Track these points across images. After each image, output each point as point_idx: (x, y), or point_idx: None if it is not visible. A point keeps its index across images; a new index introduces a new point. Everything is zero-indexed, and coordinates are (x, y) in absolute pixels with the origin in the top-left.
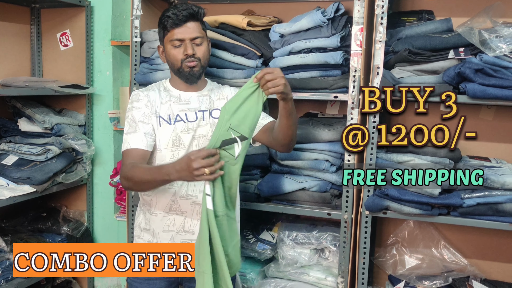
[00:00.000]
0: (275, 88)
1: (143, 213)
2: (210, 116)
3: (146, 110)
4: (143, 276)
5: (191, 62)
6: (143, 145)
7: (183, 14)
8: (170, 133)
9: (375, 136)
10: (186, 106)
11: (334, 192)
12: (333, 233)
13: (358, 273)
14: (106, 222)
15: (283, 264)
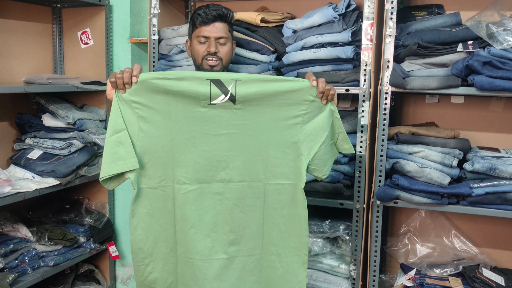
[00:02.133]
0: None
1: None
2: None
3: None
4: None
5: (212, 60)
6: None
7: (213, 14)
8: None
9: (386, 128)
10: None
11: (347, 183)
12: (346, 223)
13: (370, 261)
14: (127, 213)
15: None
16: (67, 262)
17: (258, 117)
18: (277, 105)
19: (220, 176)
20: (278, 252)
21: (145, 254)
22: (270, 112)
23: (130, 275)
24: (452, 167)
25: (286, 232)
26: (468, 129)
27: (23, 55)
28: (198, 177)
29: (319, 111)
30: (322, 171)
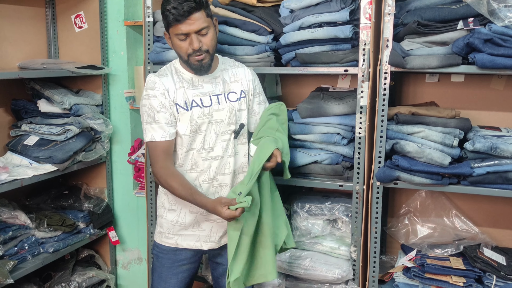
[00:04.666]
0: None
1: (165, 194)
2: (226, 99)
3: (163, 100)
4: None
5: (199, 55)
6: (167, 135)
7: (184, 8)
8: (188, 119)
9: (385, 108)
10: (200, 91)
11: (346, 164)
12: (345, 204)
13: (370, 242)
14: (126, 198)
15: (297, 235)
16: (66, 248)
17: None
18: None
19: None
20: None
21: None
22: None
23: (131, 260)
24: (453, 147)
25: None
26: (469, 108)
27: (16, 40)
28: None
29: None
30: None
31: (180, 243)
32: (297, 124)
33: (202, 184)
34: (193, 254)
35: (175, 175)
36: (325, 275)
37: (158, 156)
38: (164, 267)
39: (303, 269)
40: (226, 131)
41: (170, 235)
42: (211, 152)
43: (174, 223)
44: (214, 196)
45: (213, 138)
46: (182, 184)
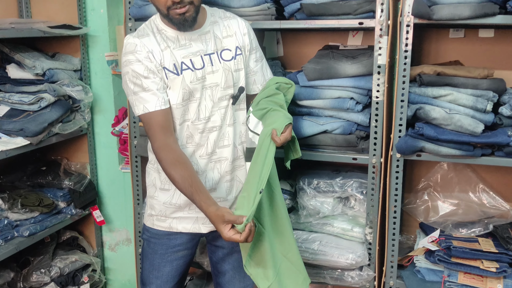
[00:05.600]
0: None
1: (156, 171)
2: (220, 59)
3: (149, 64)
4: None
5: (181, 8)
6: (162, 103)
7: None
8: (179, 85)
9: (408, 68)
10: (188, 50)
11: (360, 134)
12: (359, 180)
13: (388, 223)
14: (111, 174)
15: (304, 215)
16: (45, 231)
17: None
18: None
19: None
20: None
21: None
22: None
23: (119, 241)
24: (486, 112)
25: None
26: (499, 68)
27: None
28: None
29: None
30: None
31: (174, 226)
32: (303, 88)
33: (199, 160)
34: (190, 238)
35: (178, 162)
36: (336, 261)
37: (156, 132)
38: (157, 253)
39: (311, 254)
40: (223, 96)
41: (163, 218)
42: (208, 122)
43: (168, 204)
44: (213, 173)
45: (209, 106)
46: (183, 178)
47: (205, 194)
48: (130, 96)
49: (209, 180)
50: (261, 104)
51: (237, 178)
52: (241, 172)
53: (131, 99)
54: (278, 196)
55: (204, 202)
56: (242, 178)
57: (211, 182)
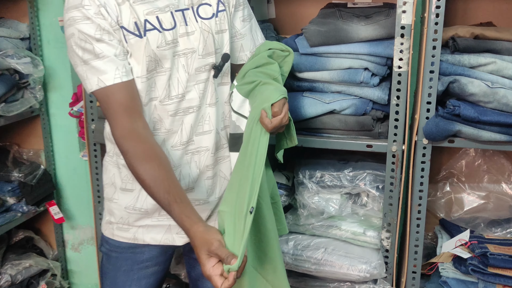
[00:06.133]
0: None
1: (115, 166)
2: (196, 17)
3: (101, 22)
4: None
5: None
6: (122, 74)
7: None
8: (142, 51)
9: (440, 29)
10: (154, 5)
11: (377, 115)
12: (374, 172)
13: (410, 225)
14: (71, 163)
15: (305, 215)
16: None
17: None
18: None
19: None
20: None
21: None
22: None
23: (83, 240)
24: None
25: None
26: None
27: None
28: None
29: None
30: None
31: (140, 237)
32: (304, 56)
33: (171, 152)
34: (161, 251)
35: (149, 157)
36: (345, 273)
37: (117, 114)
38: (120, 270)
39: (314, 264)
40: (202, 67)
41: (126, 227)
42: (182, 101)
43: (131, 209)
44: (190, 168)
45: (183, 79)
46: (157, 180)
47: (188, 205)
48: (79, 67)
49: (185, 177)
50: (248, 77)
51: (221, 173)
52: (225, 166)
53: (81, 71)
54: (264, 205)
55: (187, 216)
56: (227, 173)
57: (187, 180)
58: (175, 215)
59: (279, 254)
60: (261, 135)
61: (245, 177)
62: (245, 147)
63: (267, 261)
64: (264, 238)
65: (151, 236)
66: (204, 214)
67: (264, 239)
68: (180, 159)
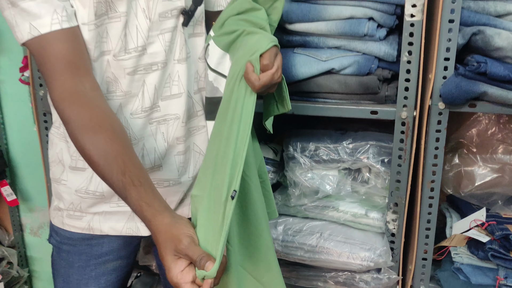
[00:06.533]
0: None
1: (63, 139)
2: None
3: None
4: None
5: None
6: (63, 18)
7: None
8: None
9: None
10: None
11: (384, 74)
12: (379, 143)
13: (421, 205)
14: (24, 137)
15: (296, 195)
16: None
17: None
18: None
19: None
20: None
21: None
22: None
23: (43, 223)
24: None
25: None
26: None
27: None
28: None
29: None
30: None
31: (97, 226)
32: (295, 4)
33: (130, 121)
34: (124, 243)
35: (99, 127)
36: (345, 262)
37: (56, 70)
38: (73, 267)
39: (308, 252)
40: (168, 12)
41: (78, 214)
42: (143, 56)
43: (83, 193)
44: (156, 141)
45: (144, 28)
46: (108, 156)
47: (150, 189)
48: (6, 11)
49: (149, 152)
50: (228, 26)
51: (195, 147)
52: (200, 138)
53: (8, 15)
54: (253, 187)
55: (148, 203)
56: (203, 146)
57: (152, 156)
58: (133, 202)
59: (272, 248)
60: (246, 96)
61: (225, 152)
62: (224, 112)
63: (259, 258)
64: (255, 230)
65: (110, 225)
66: (176, 198)
67: (254, 231)
68: (143, 130)
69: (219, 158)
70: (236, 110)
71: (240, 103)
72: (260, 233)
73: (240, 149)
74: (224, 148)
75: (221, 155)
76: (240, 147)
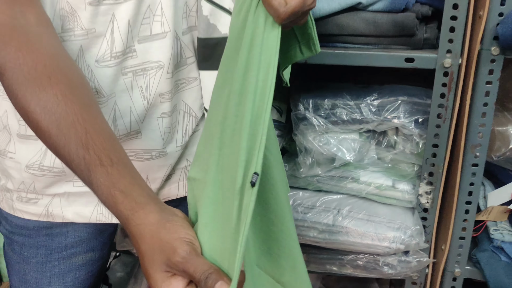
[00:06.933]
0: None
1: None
2: None
3: None
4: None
5: None
6: None
7: None
8: None
9: None
10: None
11: (423, 11)
12: (412, 99)
13: (462, 173)
14: None
15: (307, 164)
16: None
17: None
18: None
19: None
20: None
21: None
22: None
23: None
24: None
25: None
26: None
27: None
28: None
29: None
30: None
31: (58, 212)
32: None
33: (96, 71)
34: (94, 232)
35: (44, 76)
36: (370, 244)
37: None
38: (30, 263)
39: (323, 232)
40: None
41: (32, 197)
42: None
43: (36, 169)
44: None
45: None
46: (60, 123)
47: (126, 169)
48: None
49: (124, 114)
50: None
51: (185, 106)
52: (191, 95)
53: None
54: (273, 160)
55: (124, 192)
56: (195, 106)
57: (128, 120)
58: (101, 190)
59: (296, 240)
60: (266, 29)
61: (237, 115)
62: (233, 56)
63: (280, 253)
64: (275, 218)
65: (75, 210)
66: (160, 174)
67: (275, 220)
68: (113, 84)
69: (229, 124)
70: (252, 51)
71: (258, 40)
72: (282, 221)
73: (261, 110)
74: (235, 108)
75: (231, 120)
76: (260, 106)
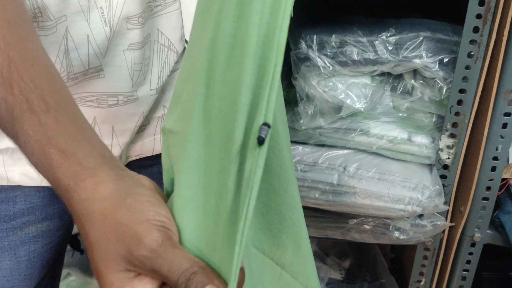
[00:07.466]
0: None
1: None
2: None
3: None
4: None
5: None
6: None
7: None
8: None
9: None
10: None
11: None
12: (436, 35)
13: (491, 122)
14: None
15: (309, 114)
16: None
17: None
18: None
19: None
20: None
21: None
22: None
23: None
24: None
25: None
26: None
27: None
28: None
29: None
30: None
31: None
32: None
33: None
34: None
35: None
36: (381, 207)
37: None
38: None
39: (326, 193)
40: None
41: None
42: None
43: None
44: (90, 23)
45: None
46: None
47: (70, 118)
48: None
49: (79, 45)
50: None
51: (160, 36)
52: (169, 21)
53: None
54: (277, 112)
55: (64, 151)
56: (172, 36)
57: (85, 52)
58: (30, 146)
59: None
60: None
61: (234, 35)
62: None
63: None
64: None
65: (22, 170)
66: (129, 126)
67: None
68: (63, 4)
69: (221, 49)
70: None
71: None
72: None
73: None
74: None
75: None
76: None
